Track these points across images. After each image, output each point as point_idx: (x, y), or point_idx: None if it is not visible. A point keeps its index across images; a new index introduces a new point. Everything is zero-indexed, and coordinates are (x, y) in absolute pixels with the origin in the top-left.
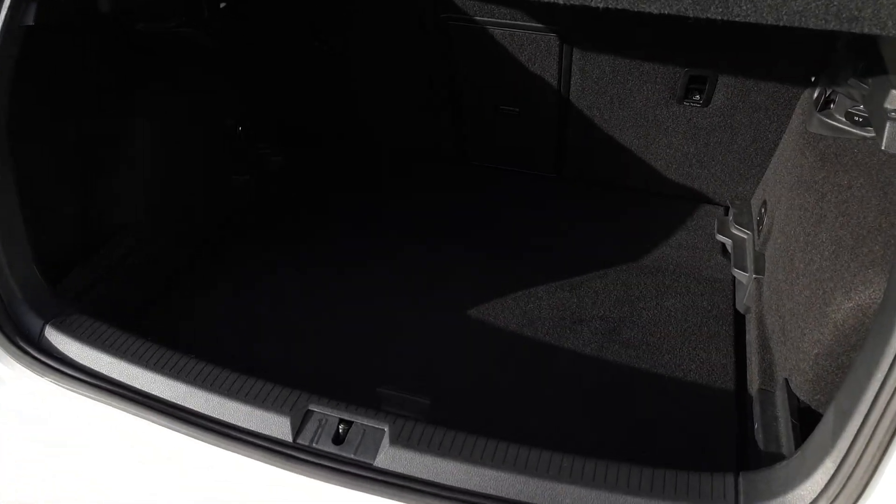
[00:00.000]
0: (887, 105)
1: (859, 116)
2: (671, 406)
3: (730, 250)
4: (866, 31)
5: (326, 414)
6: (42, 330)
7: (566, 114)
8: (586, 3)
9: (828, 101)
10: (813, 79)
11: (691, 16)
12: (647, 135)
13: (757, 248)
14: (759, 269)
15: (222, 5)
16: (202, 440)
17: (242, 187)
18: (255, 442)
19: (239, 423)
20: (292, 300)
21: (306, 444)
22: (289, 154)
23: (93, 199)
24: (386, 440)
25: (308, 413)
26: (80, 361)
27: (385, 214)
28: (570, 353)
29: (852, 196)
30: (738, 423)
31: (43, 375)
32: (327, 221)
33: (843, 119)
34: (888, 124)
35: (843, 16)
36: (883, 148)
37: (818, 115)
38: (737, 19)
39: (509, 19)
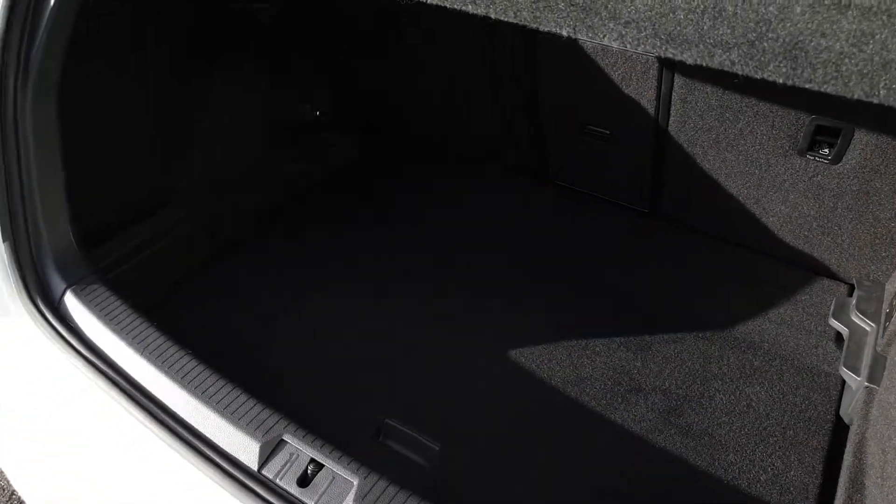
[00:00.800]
0: None
1: None
2: None
3: (845, 340)
4: None
5: (299, 449)
6: (63, 294)
7: (663, 146)
8: (555, 31)
9: None
10: None
11: (739, 73)
12: (759, 186)
13: (878, 349)
14: (874, 377)
15: None
16: (165, 441)
17: (301, 176)
18: (217, 461)
19: (208, 436)
20: (321, 303)
21: (270, 477)
22: (363, 148)
23: (146, 171)
24: (352, 496)
25: (281, 443)
26: (86, 332)
27: (444, 228)
28: (617, 428)
29: None
30: None
31: (53, 341)
32: (377, 224)
33: None
34: None
35: None
36: None
37: None
38: (807, 86)
39: None
